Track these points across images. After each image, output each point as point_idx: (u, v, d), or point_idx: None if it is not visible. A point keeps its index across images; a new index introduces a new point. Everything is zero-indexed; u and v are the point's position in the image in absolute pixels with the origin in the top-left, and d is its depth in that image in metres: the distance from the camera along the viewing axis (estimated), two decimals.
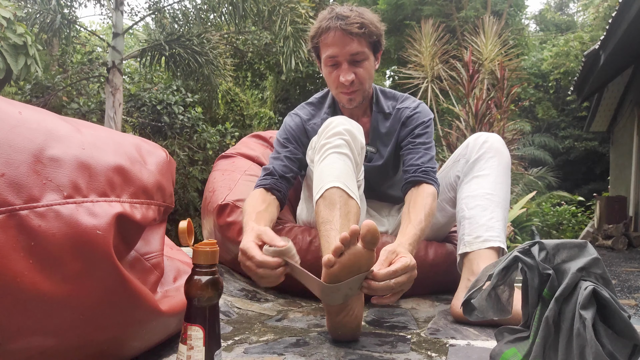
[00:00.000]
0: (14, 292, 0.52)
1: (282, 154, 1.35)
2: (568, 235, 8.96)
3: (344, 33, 1.26)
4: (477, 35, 6.12)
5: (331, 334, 0.95)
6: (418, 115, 1.41)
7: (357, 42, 1.28)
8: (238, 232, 1.33)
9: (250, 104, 10.50)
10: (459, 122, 5.37)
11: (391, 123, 1.44)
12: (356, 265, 0.84)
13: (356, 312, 0.92)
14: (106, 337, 0.64)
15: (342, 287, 0.86)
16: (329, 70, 1.34)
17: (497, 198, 1.24)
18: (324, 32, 1.29)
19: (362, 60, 1.31)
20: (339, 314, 0.91)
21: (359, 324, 0.94)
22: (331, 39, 1.28)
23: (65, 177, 0.58)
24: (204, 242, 0.65)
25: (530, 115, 12.45)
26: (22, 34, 3.78)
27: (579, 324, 0.62)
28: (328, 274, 0.85)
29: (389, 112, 1.44)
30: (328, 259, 0.85)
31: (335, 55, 1.29)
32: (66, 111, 6.42)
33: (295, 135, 1.39)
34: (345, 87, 1.32)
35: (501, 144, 1.31)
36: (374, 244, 0.84)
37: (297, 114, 1.46)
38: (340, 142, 1.13)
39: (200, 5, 6.64)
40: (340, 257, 0.84)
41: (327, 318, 0.95)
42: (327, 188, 1.05)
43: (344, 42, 1.27)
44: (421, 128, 1.39)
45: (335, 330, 0.93)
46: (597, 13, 11.30)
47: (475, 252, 1.18)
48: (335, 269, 0.84)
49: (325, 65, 1.34)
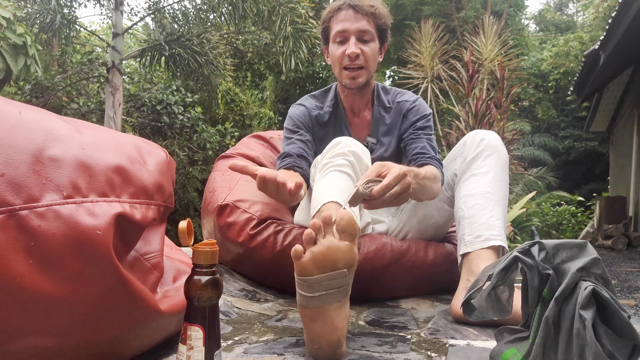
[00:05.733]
0: (13, 292, 0.52)
1: (295, 138, 1.38)
2: (568, 235, 8.96)
3: (355, 11, 1.34)
4: (477, 35, 6.12)
5: (308, 349, 0.83)
6: (417, 108, 1.46)
7: (366, 21, 1.35)
8: (238, 232, 1.33)
9: (250, 104, 10.50)
10: (459, 122, 5.37)
11: (392, 116, 1.48)
12: (330, 258, 0.76)
13: (336, 322, 0.79)
14: (106, 337, 0.64)
15: (314, 284, 0.76)
16: (336, 47, 1.38)
17: (496, 196, 1.23)
18: (335, 11, 1.37)
19: (369, 40, 1.36)
20: (315, 321, 0.79)
21: (340, 340, 0.80)
22: (342, 16, 1.36)
23: (65, 177, 0.58)
24: (204, 242, 0.65)
25: (530, 115, 12.45)
26: (21, 34, 3.78)
27: (579, 324, 0.62)
28: (298, 266, 0.78)
29: (389, 106, 1.49)
30: (295, 249, 0.77)
31: (345, 30, 1.35)
32: (66, 111, 6.42)
33: (303, 121, 1.44)
34: (350, 60, 1.36)
35: (498, 142, 1.31)
36: (351, 234, 0.77)
37: (301, 104, 1.51)
38: (343, 162, 1.11)
39: (200, 5, 6.63)
40: (313, 247, 0.77)
41: (303, 329, 0.84)
42: (323, 203, 0.99)
43: (354, 18, 1.34)
44: (423, 121, 1.43)
45: (311, 343, 0.82)
46: (596, 13, 11.30)
47: (475, 252, 1.17)
48: (306, 261, 0.77)
49: (334, 42, 1.39)
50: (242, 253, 1.35)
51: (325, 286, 0.77)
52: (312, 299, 0.79)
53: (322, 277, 0.77)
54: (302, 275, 0.78)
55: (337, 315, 0.80)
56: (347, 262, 0.78)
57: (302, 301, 0.81)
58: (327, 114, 1.48)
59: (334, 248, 0.77)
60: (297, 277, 0.80)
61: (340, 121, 1.50)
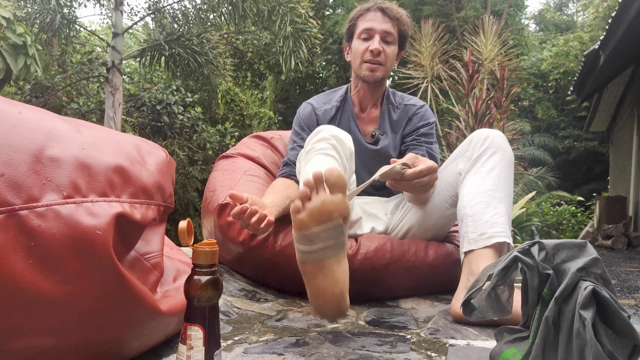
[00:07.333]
0: (13, 292, 0.52)
1: (297, 143, 1.49)
2: (568, 235, 8.96)
3: (383, 13, 1.47)
4: (477, 35, 6.11)
5: (313, 307, 0.88)
6: (423, 114, 1.54)
7: (392, 24, 1.47)
8: (238, 231, 1.33)
9: (250, 104, 10.50)
10: (459, 122, 5.36)
11: (399, 115, 1.56)
12: (325, 211, 0.82)
13: (337, 275, 0.85)
14: (106, 337, 0.64)
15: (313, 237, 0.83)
16: (360, 42, 1.48)
17: (500, 194, 1.22)
18: (365, 11, 1.49)
19: (391, 42, 1.48)
20: (317, 276, 0.85)
21: (343, 293, 0.86)
22: (371, 16, 1.47)
23: (65, 177, 0.58)
24: (204, 242, 0.65)
25: (530, 115, 12.45)
26: (21, 34, 3.77)
27: (579, 324, 0.62)
28: (297, 222, 0.84)
29: (397, 105, 1.58)
30: (295, 205, 0.84)
31: (372, 29, 1.46)
32: (66, 111, 6.42)
33: (307, 123, 1.52)
34: (372, 55, 1.45)
35: (503, 140, 1.30)
36: (341, 187, 0.84)
37: (309, 103, 1.58)
38: (326, 145, 1.17)
39: (200, 5, 6.63)
40: (309, 202, 0.83)
41: (306, 288, 0.89)
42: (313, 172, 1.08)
43: (381, 19, 1.46)
44: (426, 128, 1.52)
45: (315, 299, 0.87)
46: (596, 13, 11.30)
47: (477, 251, 1.17)
48: (304, 216, 0.83)
49: (359, 38, 1.48)
50: (243, 252, 1.35)
51: (323, 238, 0.83)
52: (312, 254, 0.84)
53: (320, 230, 0.83)
54: (301, 230, 0.84)
55: (337, 268, 0.86)
56: (341, 213, 0.84)
57: (302, 257, 0.86)
58: (334, 108, 1.55)
59: (327, 201, 0.83)
60: (297, 233, 0.85)
61: (348, 114, 1.56)
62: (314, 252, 0.84)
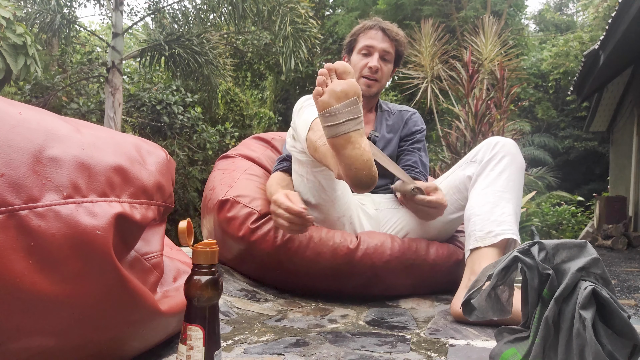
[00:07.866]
0: (13, 292, 0.52)
1: None
2: (568, 235, 8.96)
3: (384, 33, 1.55)
4: (477, 35, 6.11)
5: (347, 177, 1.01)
6: (416, 120, 1.65)
7: (390, 44, 1.55)
8: (238, 226, 1.33)
9: (250, 104, 10.49)
10: (459, 122, 5.36)
11: (394, 119, 1.64)
12: (342, 91, 0.99)
13: (363, 145, 0.99)
14: (106, 337, 0.64)
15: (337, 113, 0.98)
16: (360, 58, 1.56)
17: (509, 195, 1.24)
18: (367, 29, 1.57)
19: (388, 60, 1.57)
20: (346, 147, 0.99)
21: (371, 160, 1.00)
22: (372, 34, 1.55)
23: (64, 177, 0.58)
24: (204, 242, 0.65)
25: (529, 115, 12.44)
26: (21, 34, 3.77)
27: (579, 324, 0.62)
28: (320, 103, 1.00)
29: (391, 112, 1.67)
30: (316, 90, 1.01)
31: (372, 46, 1.54)
32: (66, 111, 6.41)
33: None
34: (370, 71, 1.53)
35: (514, 147, 1.32)
36: (349, 73, 1.02)
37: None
38: None
39: (200, 5, 6.63)
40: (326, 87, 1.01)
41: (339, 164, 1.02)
42: (311, 120, 1.16)
43: (382, 38, 1.55)
44: (420, 135, 1.63)
45: (348, 169, 0.99)
46: (596, 13, 11.30)
47: (481, 250, 1.18)
48: (326, 97, 0.99)
49: (359, 53, 1.56)
50: (243, 248, 1.35)
51: (344, 113, 0.98)
52: (338, 127, 0.99)
53: (341, 106, 0.99)
54: (325, 108, 0.99)
55: (362, 140, 1.00)
56: (355, 91, 1.00)
57: (330, 132, 1.00)
58: None
59: (342, 83, 1.00)
60: (322, 114, 1.00)
61: None
62: (340, 124, 0.98)
